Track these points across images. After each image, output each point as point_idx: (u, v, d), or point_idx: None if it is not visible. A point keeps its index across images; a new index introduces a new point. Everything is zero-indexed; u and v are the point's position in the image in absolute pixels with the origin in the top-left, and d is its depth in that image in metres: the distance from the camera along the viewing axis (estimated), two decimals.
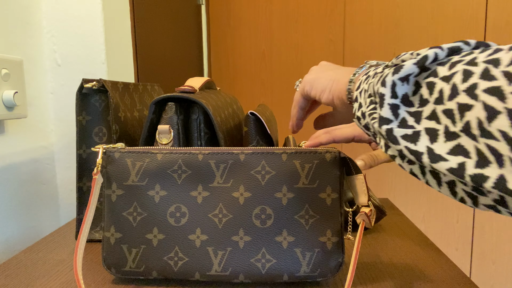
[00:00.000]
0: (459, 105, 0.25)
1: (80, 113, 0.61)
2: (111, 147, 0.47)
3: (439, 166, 0.26)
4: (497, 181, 0.23)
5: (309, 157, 0.45)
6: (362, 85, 0.36)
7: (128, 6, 0.92)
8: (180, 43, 1.44)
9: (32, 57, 0.77)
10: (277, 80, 1.81)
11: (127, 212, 0.46)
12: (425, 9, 1.68)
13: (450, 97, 0.25)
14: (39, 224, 0.77)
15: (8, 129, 0.69)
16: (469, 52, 0.27)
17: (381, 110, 0.30)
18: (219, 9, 1.80)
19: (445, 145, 0.26)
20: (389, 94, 0.29)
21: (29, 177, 0.75)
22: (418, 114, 0.28)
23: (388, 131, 0.29)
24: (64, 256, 0.56)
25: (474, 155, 0.24)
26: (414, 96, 0.28)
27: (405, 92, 0.29)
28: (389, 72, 0.30)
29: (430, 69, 0.28)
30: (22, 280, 0.49)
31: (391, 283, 0.47)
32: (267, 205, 0.45)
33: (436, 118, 0.27)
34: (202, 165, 0.46)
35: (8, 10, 0.70)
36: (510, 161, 0.22)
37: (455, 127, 0.25)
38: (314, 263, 0.45)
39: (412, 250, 0.57)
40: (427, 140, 0.27)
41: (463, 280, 0.48)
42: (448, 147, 0.26)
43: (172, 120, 0.53)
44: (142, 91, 0.71)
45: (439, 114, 0.26)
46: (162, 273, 0.46)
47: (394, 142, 0.29)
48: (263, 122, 0.55)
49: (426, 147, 0.27)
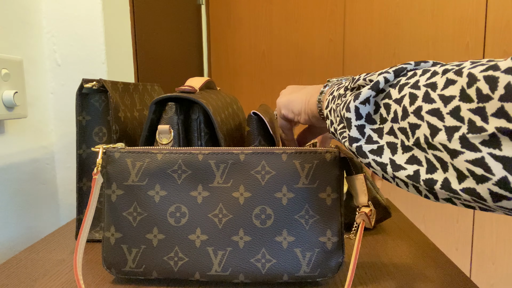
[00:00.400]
0: (410, 124, 0.30)
1: (80, 113, 0.61)
2: (111, 147, 0.47)
3: (400, 174, 0.31)
4: (443, 183, 0.28)
5: (309, 157, 0.45)
6: (330, 105, 0.41)
7: (128, 6, 0.92)
8: (180, 43, 1.44)
9: (32, 57, 0.77)
10: (277, 80, 1.81)
11: (127, 212, 0.46)
12: (425, 9, 1.68)
13: (402, 117, 0.31)
14: (39, 224, 0.77)
15: (8, 129, 0.69)
16: (413, 74, 0.32)
17: (350, 131, 0.35)
18: (219, 9, 1.80)
19: (403, 156, 0.31)
20: (354, 117, 0.35)
21: (29, 177, 0.75)
22: (380, 130, 0.34)
23: (358, 148, 0.34)
24: (64, 256, 0.56)
25: (425, 163, 0.30)
26: (376, 115, 0.34)
27: (368, 111, 0.35)
28: (350, 99, 0.36)
29: (385, 91, 0.34)
30: (22, 280, 0.49)
31: (391, 283, 0.47)
32: (267, 205, 0.45)
33: (394, 133, 0.32)
34: (202, 165, 0.46)
35: (8, 10, 0.70)
36: (452, 166, 0.27)
37: (409, 142, 0.31)
38: (314, 263, 0.45)
39: (412, 250, 0.57)
40: (389, 152, 0.32)
41: (463, 280, 0.48)
42: (405, 157, 0.31)
43: (172, 120, 0.53)
44: (142, 91, 0.71)
45: (396, 131, 0.32)
46: (162, 273, 0.46)
47: (363, 156, 0.34)
48: (266, 122, 0.55)
49: (389, 158, 0.32)
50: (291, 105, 0.52)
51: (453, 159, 0.27)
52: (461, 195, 0.27)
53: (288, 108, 0.53)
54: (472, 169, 0.26)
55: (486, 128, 0.25)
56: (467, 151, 0.26)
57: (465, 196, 0.27)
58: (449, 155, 0.27)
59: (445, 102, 0.28)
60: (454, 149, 0.27)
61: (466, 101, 0.26)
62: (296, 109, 0.51)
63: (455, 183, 0.27)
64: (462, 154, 0.26)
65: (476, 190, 0.26)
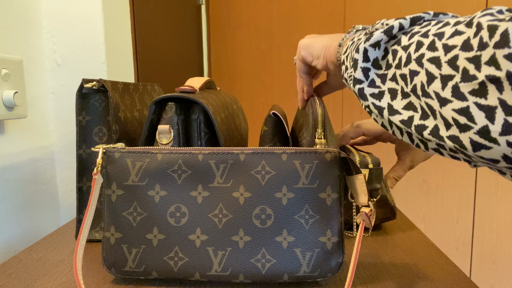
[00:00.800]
0: (410, 71, 0.31)
1: (80, 113, 0.61)
2: (111, 147, 0.47)
3: (394, 118, 0.33)
4: (432, 129, 0.29)
5: (309, 157, 0.45)
6: (348, 50, 0.40)
7: (128, 6, 0.92)
8: (180, 43, 1.44)
9: (32, 57, 0.77)
10: (277, 80, 1.81)
11: (127, 212, 0.46)
12: (425, 9, 1.68)
13: (405, 64, 0.31)
14: (39, 224, 0.77)
15: (8, 129, 0.69)
16: (428, 23, 0.32)
17: (355, 72, 0.36)
18: (219, 9, 1.80)
19: (401, 102, 0.32)
20: (361, 58, 0.35)
21: (29, 177, 0.75)
22: (384, 76, 0.34)
23: (360, 90, 0.35)
24: (64, 256, 0.56)
25: (420, 110, 0.31)
26: (383, 61, 0.34)
27: (376, 56, 0.35)
28: (362, 39, 0.36)
29: (397, 37, 0.34)
30: (22, 280, 0.49)
31: (391, 283, 0.47)
32: (267, 205, 0.45)
33: (396, 80, 0.33)
34: (202, 165, 0.46)
35: (8, 10, 0.70)
36: (439, 114, 0.29)
37: (407, 88, 0.31)
38: (314, 263, 0.45)
39: (412, 250, 0.57)
40: (389, 98, 0.33)
41: (463, 280, 0.48)
42: (403, 103, 0.32)
43: (172, 120, 0.53)
44: (142, 91, 0.71)
45: (398, 77, 0.32)
46: (162, 273, 0.46)
47: (363, 98, 0.35)
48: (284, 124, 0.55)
49: (387, 103, 0.33)
50: (312, 48, 0.51)
51: (442, 107, 0.28)
52: (446, 143, 0.29)
53: (308, 51, 0.52)
54: (456, 118, 0.27)
55: (477, 76, 0.26)
56: (456, 100, 0.27)
57: (450, 143, 0.28)
58: (439, 103, 0.28)
59: (446, 51, 0.28)
60: (445, 98, 0.28)
61: (466, 50, 0.27)
62: (316, 52, 0.50)
63: (443, 130, 0.29)
64: (451, 103, 0.27)
65: (459, 138, 0.28)
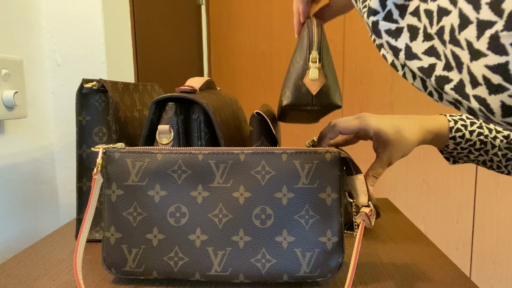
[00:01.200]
0: (439, 8, 0.25)
1: (80, 113, 0.61)
2: (111, 147, 0.47)
3: (412, 64, 0.28)
4: (457, 84, 0.25)
5: (309, 157, 0.45)
6: None
7: (128, 6, 0.92)
8: (180, 43, 1.44)
9: (32, 57, 0.77)
10: (277, 80, 1.81)
11: (127, 212, 0.46)
12: None
13: None
14: (39, 224, 0.77)
15: (8, 129, 0.69)
16: None
17: (371, 0, 0.30)
18: (219, 9, 1.80)
19: (422, 45, 0.27)
20: None
21: (29, 177, 0.75)
22: (404, 7, 0.28)
23: (374, 24, 0.30)
24: (64, 256, 0.56)
25: (443, 58, 0.26)
26: None
27: None
28: None
29: None
30: (22, 280, 0.49)
31: (391, 283, 0.47)
32: (267, 205, 0.45)
33: (418, 15, 0.27)
34: (202, 165, 0.46)
35: (8, 10, 0.70)
36: (467, 69, 0.24)
37: (431, 29, 0.26)
38: (314, 263, 0.45)
39: (412, 250, 0.57)
40: (407, 37, 0.28)
41: (463, 280, 0.48)
42: (424, 47, 0.27)
43: (172, 120, 0.53)
44: (142, 91, 0.71)
45: (421, 12, 0.27)
46: (162, 273, 0.46)
47: (377, 35, 0.30)
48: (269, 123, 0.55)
49: (405, 44, 0.28)
50: None
51: (472, 61, 0.23)
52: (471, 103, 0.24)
53: None
54: (489, 77, 0.22)
55: None
56: (492, 54, 0.22)
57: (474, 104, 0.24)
58: (470, 56, 0.23)
59: None
60: (478, 50, 0.23)
61: None
62: None
63: (469, 87, 0.24)
64: (485, 57, 0.23)
65: (486, 101, 0.23)
